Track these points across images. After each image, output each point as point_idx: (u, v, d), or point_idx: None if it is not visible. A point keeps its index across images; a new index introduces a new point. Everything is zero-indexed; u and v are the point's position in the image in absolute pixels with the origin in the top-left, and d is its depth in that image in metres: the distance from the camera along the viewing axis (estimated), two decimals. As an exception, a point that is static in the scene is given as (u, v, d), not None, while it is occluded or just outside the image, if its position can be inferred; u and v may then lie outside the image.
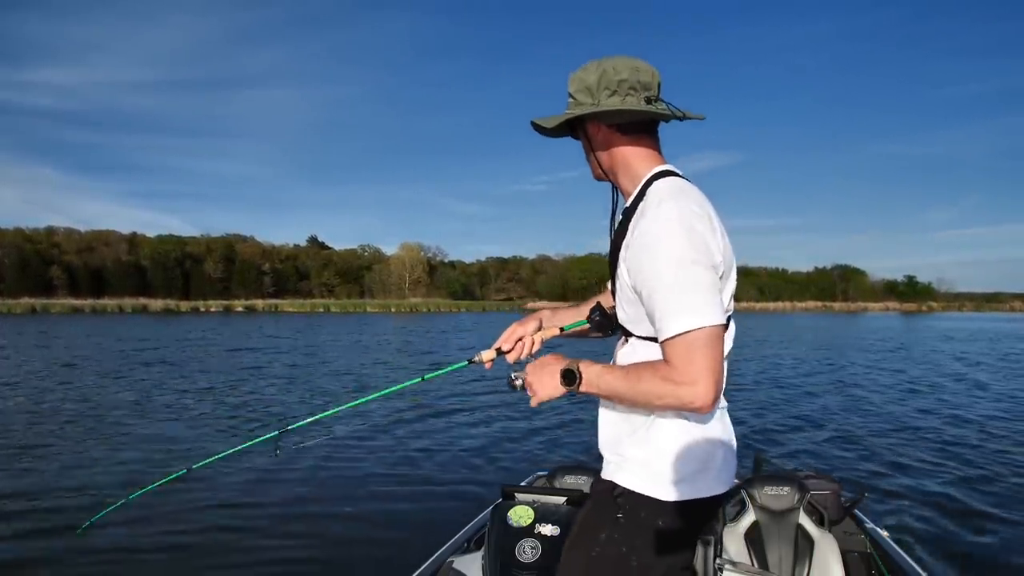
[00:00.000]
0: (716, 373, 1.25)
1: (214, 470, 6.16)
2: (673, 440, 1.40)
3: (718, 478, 1.43)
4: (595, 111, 1.42)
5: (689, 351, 1.25)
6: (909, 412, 10.13)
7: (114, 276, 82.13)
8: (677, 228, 1.29)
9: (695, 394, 1.24)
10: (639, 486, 1.40)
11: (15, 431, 8.19)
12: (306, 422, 1.95)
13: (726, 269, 1.36)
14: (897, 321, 57.23)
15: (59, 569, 4.11)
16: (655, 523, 1.39)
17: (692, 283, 1.27)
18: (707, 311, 1.26)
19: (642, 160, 1.47)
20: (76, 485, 5.88)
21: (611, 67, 1.41)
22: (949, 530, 4.90)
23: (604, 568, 1.41)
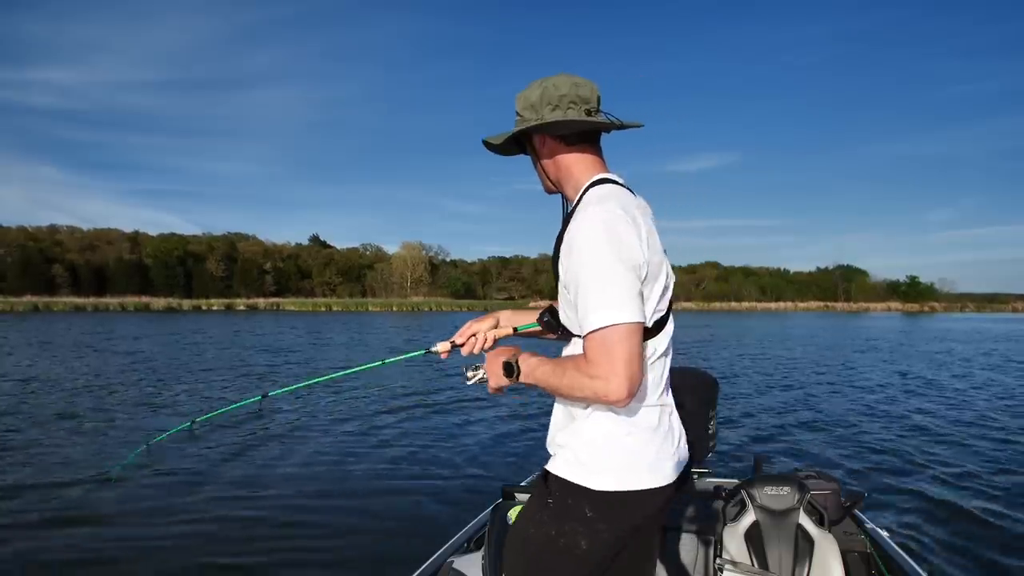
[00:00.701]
0: (630, 368, 1.32)
1: (216, 468, 6.38)
2: (603, 433, 1.46)
3: (650, 473, 1.47)
4: (539, 124, 1.52)
5: (605, 346, 1.32)
6: (909, 412, 10.12)
7: (116, 275, 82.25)
8: (598, 230, 1.37)
9: (608, 388, 1.32)
10: (567, 474, 1.47)
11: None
12: (285, 390, 2.21)
13: (652, 271, 1.43)
14: (899, 322, 57.14)
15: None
16: (582, 511, 1.44)
17: (610, 282, 1.34)
18: (623, 309, 1.33)
19: (584, 169, 1.57)
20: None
21: (552, 84, 1.53)
22: (949, 530, 4.89)
23: (536, 548, 1.50)
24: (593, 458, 1.45)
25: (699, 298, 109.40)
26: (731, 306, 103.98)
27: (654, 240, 1.46)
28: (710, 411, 3.66)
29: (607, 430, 1.46)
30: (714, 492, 3.28)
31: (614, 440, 1.45)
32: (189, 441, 7.26)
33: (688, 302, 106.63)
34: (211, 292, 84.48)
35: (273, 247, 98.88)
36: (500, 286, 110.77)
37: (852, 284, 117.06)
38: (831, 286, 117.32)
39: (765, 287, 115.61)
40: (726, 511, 2.67)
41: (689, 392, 3.63)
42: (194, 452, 6.96)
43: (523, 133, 1.58)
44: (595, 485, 1.44)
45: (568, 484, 1.46)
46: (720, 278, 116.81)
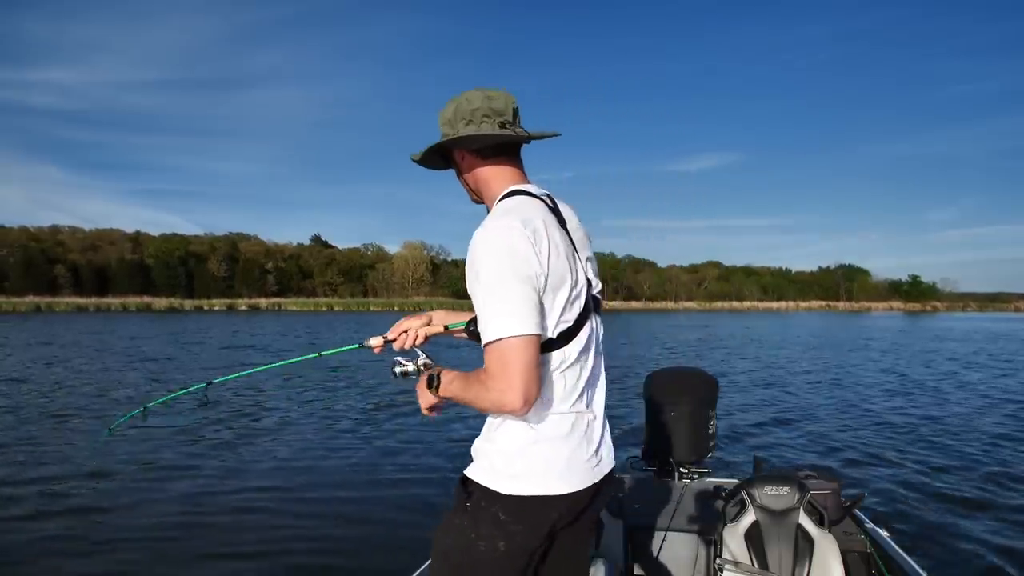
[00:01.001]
0: (524, 378, 1.35)
1: (225, 466, 6.36)
2: (514, 440, 1.49)
3: (560, 480, 1.49)
4: (453, 139, 1.56)
5: (500, 358, 1.36)
6: (910, 412, 10.11)
7: (118, 275, 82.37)
8: (492, 244, 1.40)
9: (504, 399, 1.36)
10: (481, 479, 1.51)
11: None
12: (229, 377, 2.27)
13: (554, 281, 1.44)
14: (901, 321, 57.08)
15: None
16: (496, 514, 1.48)
17: (503, 294, 1.37)
18: (517, 321, 1.35)
19: (500, 180, 1.59)
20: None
21: (465, 99, 1.56)
22: (949, 530, 4.90)
23: (456, 551, 1.53)
24: (505, 464, 1.49)
25: (701, 297, 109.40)
26: (733, 305, 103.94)
27: (560, 250, 1.46)
28: (710, 411, 3.67)
29: (518, 437, 1.49)
30: (714, 492, 3.29)
31: (524, 447, 1.48)
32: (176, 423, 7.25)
33: (690, 301, 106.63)
34: (213, 292, 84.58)
35: (275, 247, 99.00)
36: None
37: (854, 284, 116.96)
38: (833, 286, 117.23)
39: (767, 287, 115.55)
40: (726, 511, 2.67)
41: (689, 392, 3.65)
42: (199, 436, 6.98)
43: (445, 148, 1.61)
44: (505, 490, 1.47)
45: (482, 488, 1.50)
46: (722, 278, 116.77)
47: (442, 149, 1.62)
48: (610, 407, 6.96)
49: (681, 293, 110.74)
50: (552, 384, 1.50)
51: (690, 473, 3.63)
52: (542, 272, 1.40)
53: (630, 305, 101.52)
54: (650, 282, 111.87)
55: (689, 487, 3.45)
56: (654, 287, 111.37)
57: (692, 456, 3.63)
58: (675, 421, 3.60)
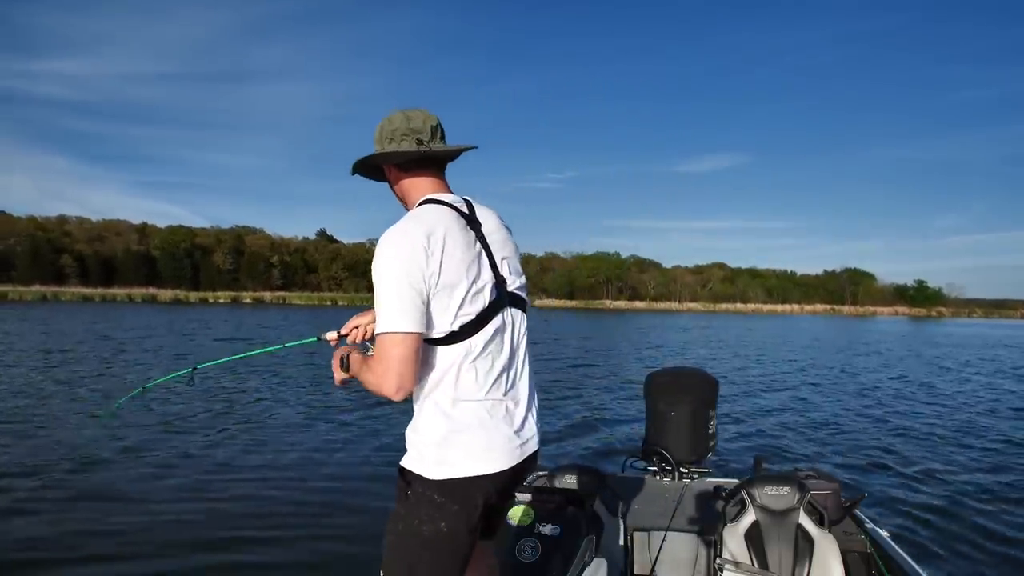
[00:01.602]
0: (398, 370, 1.53)
1: (245, 452, 6.50)
2: (435, 429, 1.63)
3: (482, 461, 1.63)
4: (376, 155, 1.75)
5: (382, 350, 1.55)
6: (910, 414, 10.11)
7: (124, 265, 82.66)
8: (389, 247, 1.58)
9: (382, 386, 1.55)
10: (413, 467, 1.65)
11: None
12: (214, 363, 2.43)
13: (451, 280, 1.58)
14: (905, 326, 56.86)
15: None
16: (431, 497, 1.63)
17: (391, 294, 1.54)
18: (398, 319, 1.53)
19: (418, 190, 1.76)
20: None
21: (387, 120, 1.74)
22: (949, 530, 4.91)
23: (405, 537, 1.66)
24: (431, 451, 1.63)
25: (705, 299, 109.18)
26: (737, 307, 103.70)
27: (457, 252, 1.60)
28: (710, 411, 3.67)
29: (439, 426, 1.63)
30: (714, 492, 3.29)
31: (446, 435, 1.62)
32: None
33: (694, 302, 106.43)
34: (218, 285, 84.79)
35: (280, 241, 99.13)
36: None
37: (859, 288, 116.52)
38: (838, 289, 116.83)
39: (772, 289, 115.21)
40: (726, 511, 2.67)
41: (689, 392, 3.65)
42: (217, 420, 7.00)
43: (377, 163, 1.79)
44: (435, 475, 1.62)
45: (416, 476, 1.64)
46: (727, 279, 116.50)
47: (375, 164, 1.79)
48: (610, 407, 7.06)
49: (685, 294, 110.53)
50: (462, 375, 1.63)
51: (690, 473, 3.63)
52: (433, 274, 1.56)
53: (634, 305, 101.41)
54: (654, 282, 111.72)
55: (689, 487, 3.45)
56: (658, 287, 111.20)
57: (692, 456, 3.63)
58: (675, 421, 3.60)
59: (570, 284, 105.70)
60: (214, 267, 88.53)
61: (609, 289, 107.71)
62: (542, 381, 12.91)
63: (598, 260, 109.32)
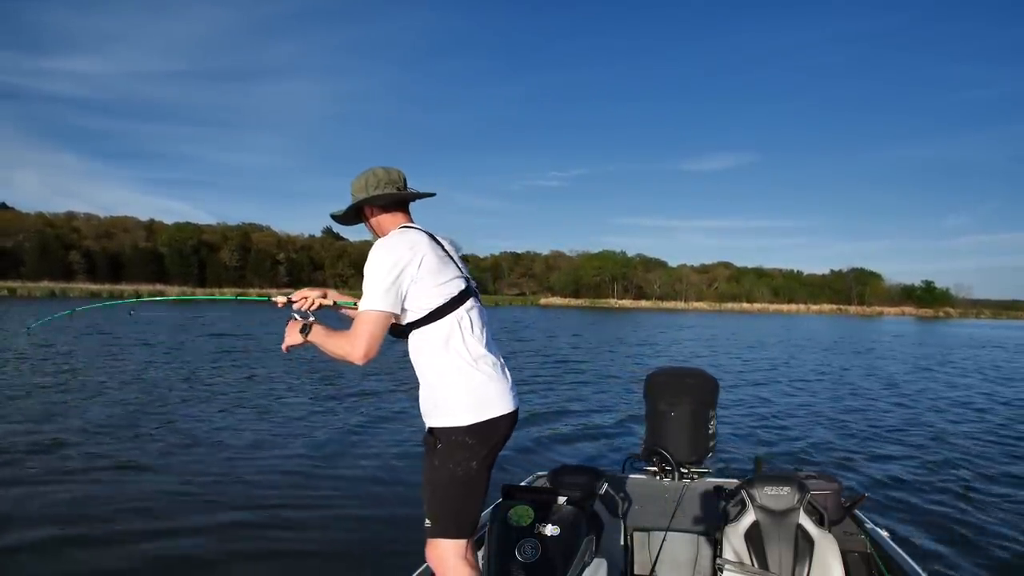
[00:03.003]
0: (372, 340, 2.00)
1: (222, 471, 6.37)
2: (458, 382, 2.08)
3: (496, 404, 2.10)
4: (367, 197, 2.22)
5: (359, 323, 2.02)
6: (910, 414, 10.09)
7: (131, 262, 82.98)
8: (378, 249, 2.07)
9: (354, 351, 2.00)
10: (444, 422, 2.08)
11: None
12: (157, 299, 2.66)
13: (432, 269, 2.07)
14: (911, 327, 56.56)
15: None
16: (463, 441, 2.06)
17: (376, 281, 2.02)
18: (380, 300, 2.01)
19: (394, 223, 2.26)
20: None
21: (371, 175, 2.24)
22: (949, 530, 4.90)
23: (441, 480, 2.07)
24: (459, 401, 2.07)
25: (711, 298, 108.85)
26: (743, 307, 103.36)
27: (433, 253, 2.09)
28: (710, 411, 3.67)
29: (462, 379, 2.08)
30: (714, 492, 3.29)
31: (471, 385, 2.08)
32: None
33: (700, 302, 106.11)
34: (224, 282, 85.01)
35: (287, 238, 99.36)
36: (511, 282, 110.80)
37: (866, 288, 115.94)
38: (845, 289, 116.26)
39: (778, 289, 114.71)
40: (726, 511, 2.68)
41: (690, 392, 3.66)
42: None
43: (360, 208, 2.27)
44: (465, 422, 2.05)
45: (449, 429, 2.07)
46: (732, 279, 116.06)
47: (358, 207, 2.25)
48: (610, 407, 7.11)
49: (691, 293, 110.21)
50: (466, 336, 2.10)
51: (690, 473, 3.63)
52: (415, 267, 2.04)
53: (640, 304, 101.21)
54: (660, 281, 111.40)
55: (689, 487, 3.45)
56: (664, 287, 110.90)
57: (692, 456, 3.64)
58: (675, 421, 3.60)
59: (576, 283, 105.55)
60: (220, 264, 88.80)
61: (615, 288, 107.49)
62: (542, 381, 12.93)
63: (604, 259, 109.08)
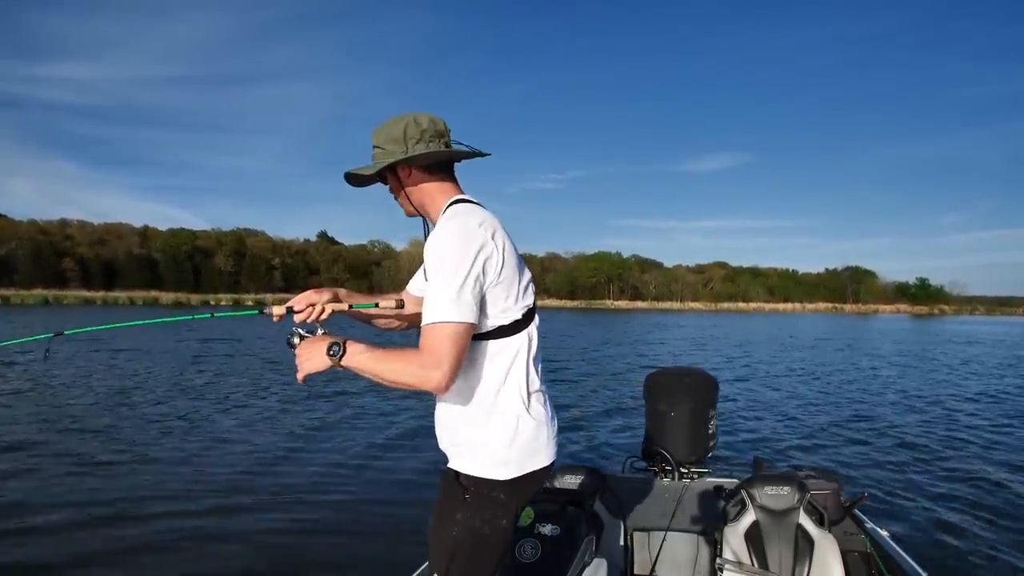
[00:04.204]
0: (453, 362, 1.49)
1: (188, 464, 6.42)
2: (507, 426, 1.63)
3: (543, 454, 1.69)
4: (411, 156, 1.65)
5: (437, 339, 1.49)
6: (909, 414, 10.09)
7: (126, 268, 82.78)
8: (454, 240, 1.53)
9: (432, 375, 1.47)
10: (479, 471, 1.65)
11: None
12: (80, 330, 2.12)
13: (511, 274, 1.60)
14: (906, 324, 56.78)
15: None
16: (497, 497, 1.64)
17: (454, 285, 1.50)
18: (462, 310, 1.50)
19: (444, 193, 1.73)
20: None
21: (413, 120, 1.66)
22: (949, 530, 4.89)
23: (464, 541, 1.64)
24: (498, 455, 1.63)
25: (707, 298, 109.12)
26: (739, 306, 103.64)
27: (511, 246, 1.62)
28: (710, 411, 3.66)
29: (512, 424, 1.63)
30: (714, 492, 3.28)
31: (515, 434, 1.64)
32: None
33: (695, 302, 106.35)
34: (219, 287, 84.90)
35: (282, 243, 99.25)
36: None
37: (861, 286, 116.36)
38: (840, 287, 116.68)
39: (773, 288, 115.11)
40: (726, 511, 2.67)
41: (689, 392, 3.65)
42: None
43: (387, 165, 1.68)
44: (503, 476, 1.63)
45: (483, 480, 1.64)
46: (728, 278, 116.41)
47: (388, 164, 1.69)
48: (610, 407, 7.06)
49: (687, 293, 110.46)
50: (529, 366, 1.66)
51: (690, 473, 3.63)
52: (498, 266, 1.56)
53: (636, 305, 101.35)
54: (656, 282, 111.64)
55: (689, 487, 3.44)
56: (660, 287, 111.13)
57: (692, 456, 3.63)
58: (675, 421, 3.59)
59: (572, 284, 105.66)
60: (215, 269, 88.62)
61: (611, 289, 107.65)
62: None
63: (600, 260, 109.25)
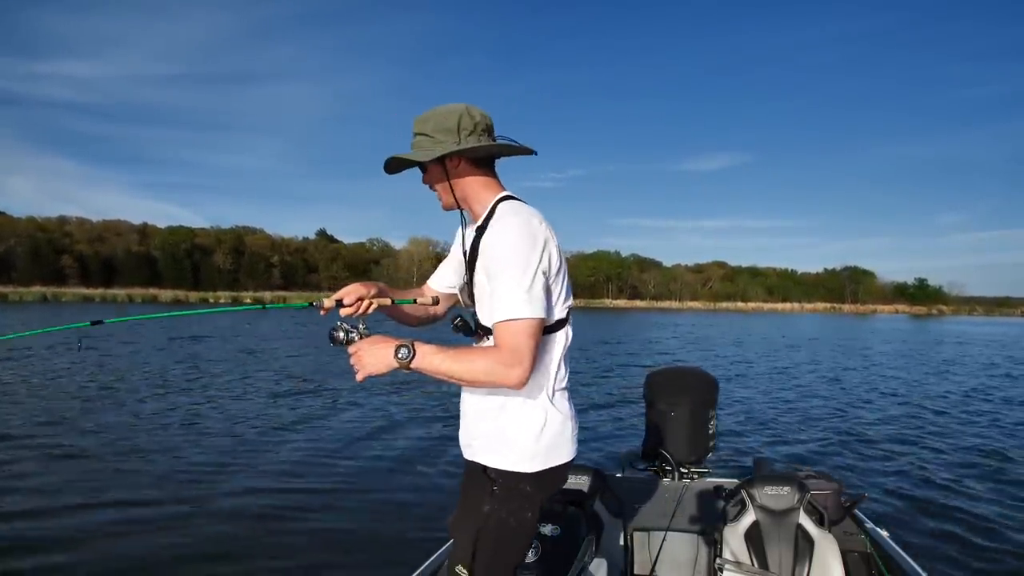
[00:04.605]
0: (531, 357, 1.52)
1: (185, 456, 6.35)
2: (535, 420, 1.67)
3: (567, 448, 1.72)
4: (466, 147, 1.65)
5: (515, 336, 1.52)
6: (909, 414, 10.09)
7: (125, 266, 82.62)
8: (518, 236, 1.57)
9: (511, 373, 1.50)
10: (506, 464, 1.68)
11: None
12: (120, 320, 2.06)
13: (558, 273, 1.65)
14: (904, 324, 56.81)
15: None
16: (523, 489, 1.68)
17: (525, 281, 1.53)
18: (536, 306, 1.53)
19: (489, 188, 1.75)
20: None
21: (467, 111, 1.67)
22: (949, 530, 4.90)
23: (490, 534, 1.69)
24: (527, 448, 1.67)
25: (706, 297, 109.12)
26: (737, 306, 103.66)
27: (558, 249, 1.66)
28: (710, 411, 3.67)
29: (540, 417, 1.67)
30: (714, 492, 3.29)
31: (541, 427, 1.67)
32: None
33: (694, 301, 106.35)
34: (218, 285, 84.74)
35: (280, 241, 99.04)
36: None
37: (860, 286, 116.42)
38: (838, 287, 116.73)
39: (772, 288, 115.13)
40: (726, 511, 2.68)
41: (689, 392, 3.65)
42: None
43: (449, 157, 1.68)
44: (531, 468, 1.67)
45: (510, 473, 1.68)
46: (727, 278, 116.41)
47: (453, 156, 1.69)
48: (610, 407, 7.07)
49: (686, 293, 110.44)
50: (562, 364, 1.71)
51: (690, 473, 3.63)
52: (556, 262, 1.62)
53: (635, 304, 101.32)
54: (655, 281, 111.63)
55: (689, 487, 3.45)
56: (659, 286, 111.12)
57: (692, 456, 3.63)
58: (675, 421, 3.60)
59: (572, 283, 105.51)
60: (214, 267, 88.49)
61: (610, 288, 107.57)
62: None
63: (599, 259, 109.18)
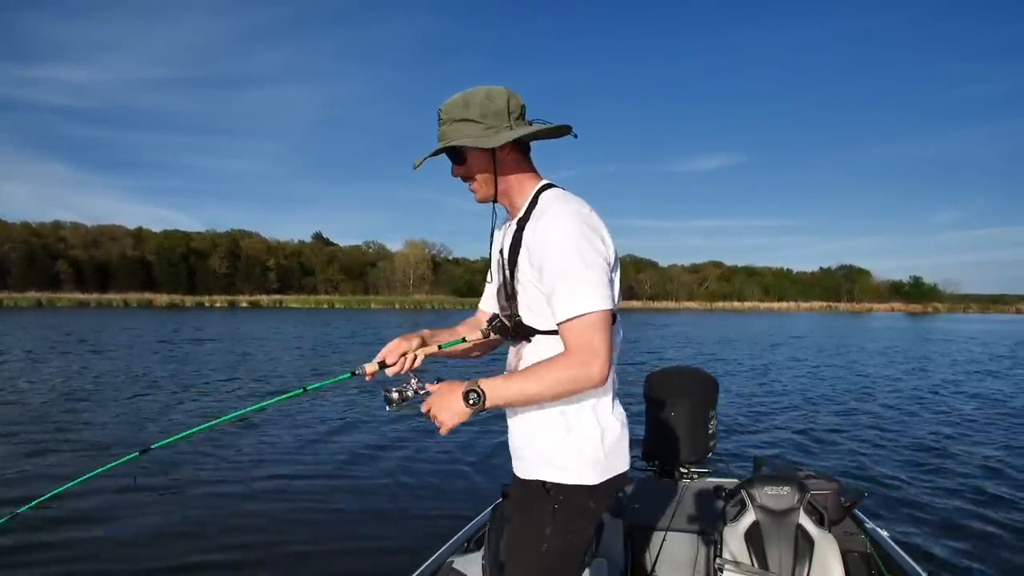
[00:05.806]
0: (608, 351, 1.43)
1: (201, 484, 6.21)
2: (594, 426, 1.57)
3: (624, 457, 1.63)
4: (524, 132, 1.53)
5: (587, 331, 1.42)
6: (909, 414, 10.11)
7: (120, 270, 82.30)
8: (577, 227, 1.47)
9: (592, 371, 1.41)
10: (565, 478, 1.56)
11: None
12: (170, 440, 1.85)
13: (614, 264, 1.55)
14: (900, 322, 56.98)
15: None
16: (586, 505, 1.58)
17: (591, 273, 1.44)
18: (602, 297, 1.43)
19: (531, 177, 1.64)
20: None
21: (510, 96, 1.54)
22: (949, 530, 4.90)
23: (556, 555, 1.57)
24: (589, 458, 1.56)
25: (702, 297, 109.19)
26: (734, 306, 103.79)
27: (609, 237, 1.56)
28: (710, 411, 3.67)
29: (598, 424, 1.57)
30: (714, 492, 3.29)
31: (598, 437, 1.57)
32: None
33: (691, 301, 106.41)
34: (214, 289, 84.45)
35: (276, 244, 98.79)
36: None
37: (855, 285, 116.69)
38: (834, 286, 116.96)
39: (768, 287, 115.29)
40: (726, 511, 2.67)
41: (689, 392, 3.65)
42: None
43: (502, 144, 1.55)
44: (593, 480, 1.56)
45: (573, 488, 1.56)
46: (723, 278, 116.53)
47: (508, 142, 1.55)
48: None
49: (682, 293, 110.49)
50: (614, 364, 1.57)
51: (690, 473, 3.63)
52: (612, 253, 1.53)
53: (631, 304, 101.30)
54: (651, 281, 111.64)
55: (689, 487, 3.45)
56: (655, 286, 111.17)
57: (692, 456, 3.63)
58: (675, 421, 3.60)
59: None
60: (210, 271, 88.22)
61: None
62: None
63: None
